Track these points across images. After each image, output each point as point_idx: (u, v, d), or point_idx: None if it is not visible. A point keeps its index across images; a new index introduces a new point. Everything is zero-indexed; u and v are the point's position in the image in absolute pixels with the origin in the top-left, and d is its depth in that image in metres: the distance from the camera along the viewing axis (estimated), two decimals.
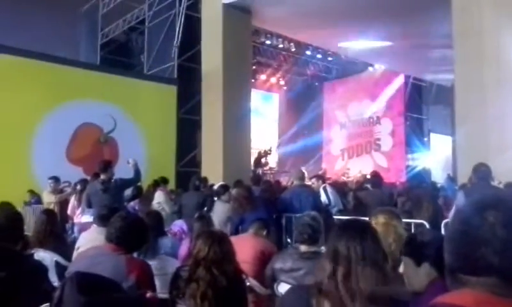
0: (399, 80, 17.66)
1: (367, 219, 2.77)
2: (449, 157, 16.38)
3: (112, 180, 5.67)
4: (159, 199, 7.01)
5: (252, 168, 13.35)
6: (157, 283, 3.32)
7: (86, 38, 16.10)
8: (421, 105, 18.56)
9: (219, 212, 5.54)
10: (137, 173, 5.91)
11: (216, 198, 5.90)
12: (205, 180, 7.93)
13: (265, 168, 14.78)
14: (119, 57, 15.54)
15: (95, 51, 15.55)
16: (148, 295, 2.18)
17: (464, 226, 0.85)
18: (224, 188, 5.99)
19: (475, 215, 0.84)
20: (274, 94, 19.54)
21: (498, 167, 5.75)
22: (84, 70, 11.28)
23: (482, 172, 5.16)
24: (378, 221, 2.63)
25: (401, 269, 2.03)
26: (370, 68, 18.36)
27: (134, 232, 2.69)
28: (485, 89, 7.33)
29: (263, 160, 15.01)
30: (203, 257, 2.29)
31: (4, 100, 9.31)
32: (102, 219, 3.71)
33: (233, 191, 5.64)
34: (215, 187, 6.52)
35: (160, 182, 7.75)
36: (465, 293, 0.84)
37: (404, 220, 5.14)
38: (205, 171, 10.72)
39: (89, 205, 5.71)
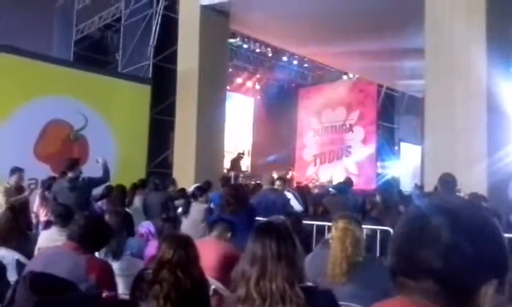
0: (372, 89, 17.96)
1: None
2: (418, 166, 16.71)
3: (80, 179, 5.57)
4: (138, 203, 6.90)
5: (226, 170, 13.33)
6: (121, 284, 3.28)
7: (60, 34, 15.80)
8: (393, 115, 18.92)
9: (195, 213, 5.52)
10: (106, 172, 5.84)
11: (192, 200, 5.88)
12: (173, 181, 7.88)
13: (239, 171, 14.76)
14: (93, 54, 15.29)
15: (69, 47, 15.28)
16: (104, 294, 2.15)
17: (409, 228, 0.84)
18: (202, 189, 5.97)
19: (421, 217, 0.83)
20: (249, 98, 19.58)
21: (465, 178, 5.92)
22: (57, 65, 11.04)
23: (447, 182, 5.30)
24: (337, 226, 2.72)
25: None
26: (345, 77, 18.62)
27: (97, 231, 2.66)
28: (454, 102, 7.51)
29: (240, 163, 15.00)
30: (168, 259, 2.28)
31: None
32: (60, 219, 3.64)
33: (221, 190, 5.67)
34: (190, 189, 6.49)
35: (140, 185, 7.66)
36: (396, 302, 0.84)
37: (370, 227, 5.26)
38: (176, 173, 10.64)
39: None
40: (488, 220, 0.84)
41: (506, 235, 4.16)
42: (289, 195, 6.56)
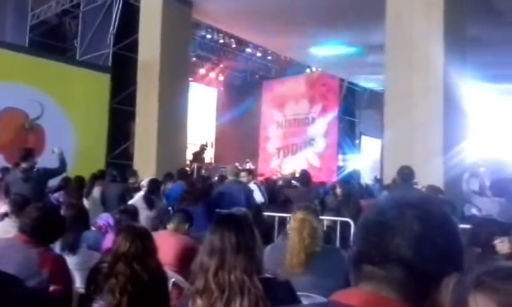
0: (334, 83, 18.19)
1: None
2: (378, 159, 17.08)
3: (35, 169, 5.37)
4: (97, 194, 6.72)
5: (188, 162, 13.20)
6: (79, 277, 3.18)
7: (14, 18, 15.10)
8: (354, 109, 19.25)
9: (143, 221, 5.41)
10: (63, 162, 5.65)
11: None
12: (134, 172, 7.73)
13: (202, 163, 14.65)
14: (50, 41, 14.73)
15: (24, 32, 14.63)
16: (52, 288, 2.07)
17: (381, 217, 0.86)
18: (152, 194, 5.84)
19: (393, 208, 0.86)
20: (212, 89, 19.44)
21: (422, 171, 6.08)
22: (11, 51, 10.59)
23: (405, 174, 5.44)
24: (296, 217, 2.75)
25: None
26: (308, 70, 18.77)
27: (49, 224, 2.55)
28: (413, 96, 7.67)
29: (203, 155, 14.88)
30: (124, 252, 2.23)
31: None
32: (16, 208, 3.50)
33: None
34: (143, 183, 6.36)
35: (99, 176, 7.45)
36: (355, 292, 0.84)
37: (331, 218, 5.33)
38: (137, 164, 10.45)
39: (8, 195, 5.37)
40: (450, 216, 0.89)
41: (461, 226, 4.31)
42: (253, 187, 6.56)
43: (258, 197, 6.30)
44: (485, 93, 13.76)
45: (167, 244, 3.25)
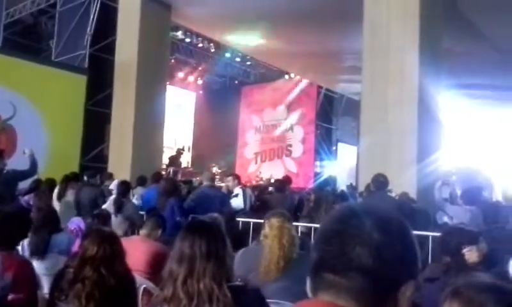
0: (312, 90, 18.32)
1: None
2: (354, 166, 17.25)
3: (4, 171, 5.23)
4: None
5: (165, 166, 13.06)
6: (46, 283, 3.09)
7: None
8: (331, 116, 19.41)
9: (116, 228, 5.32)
10: (34, 164, 5.52)
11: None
12: (110, 176, 7.61)
13: (178, 168, 14.52)
14: (25, 40, 14.45)
15: None
16: (10, 297, 2.00)
17: (341, 226, 0.86)
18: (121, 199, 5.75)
19: (352, 217, 0.87)
20: (190, 93, 19.35)
21: (396, 179, 6.16)
22: None
23: (379, 182, 5.49)
24: (272, 224, 2.73)
25: None
26: (286, 76, 18.86)
27: (10, 227, 2.47)
28: (388, 106, 7.77)
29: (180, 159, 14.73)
30: (91, 256, 2.17)
31: None
32: None
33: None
34: (111, 186, 6.24)
35: (72, 178, 7.29)
36: (314, 303, 0.85)
37: (305, 224, 5.34)
38: (112, 167, 10.30)
39: None
40: (406, 224, 0.90)
41: (433, 234, 4.36)
42: (238, 191, 6.51)
43: (238, 203, 6.26)
44: (459, 103, 14.05)
45: (138, 250, 3.19)
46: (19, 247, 3.14)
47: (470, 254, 2.42)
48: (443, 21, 8.35)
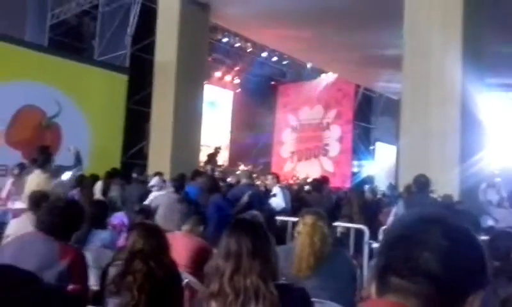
0: (350, 89, 18.10)
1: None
2: (392, 166, 16.96)
3: (52, 167, 5.43)
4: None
5: (202, 164, 13.22)
6: (92, 275, 3.19)
7: (34, 18, 15.34)
8: (369, 115, 19.13)
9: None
10: (78, 160, 5.71)
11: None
12: (142, 170, 7.73)
13: (215, 166, 14.67)
14: (69, 41, 14.91)
15: (43, 32, 14.86)
16: (70, 287, 2.08)
17: (408, 232, 0.87)
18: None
19: (420, 223, 0.87)
20: (228, 92, 19.48)
21: (438, 180, 6.01)
22: (31, 50, 10.74)
23: (421, 183, 5.37)
24: (306, 221, 2.73)
25: None
26: (323, 75, 18.71)
27: (69, 219, 2.57)
28: (429, 106, 7.64)
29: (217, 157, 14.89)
30: (140, 249, 2.23)
31: None
32: (35, 204, 3.53)
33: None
34: (152, 182, 6.37)
35: (115, 174, 7.51)
36: (382, 303, 0.85)
37: (344, 224, 5.30)
38: (151, 164, 10.52)
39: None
40: (475, 235, 0.90)
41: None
42: (277, 190, 6.54)
43: (278, 202, 6.27)
44: (502, 103, 13.57)
45: (181, 245, 3.23)
46: None
47: None
48: (486, 20, 8.11)
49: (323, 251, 2.68)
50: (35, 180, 5.20)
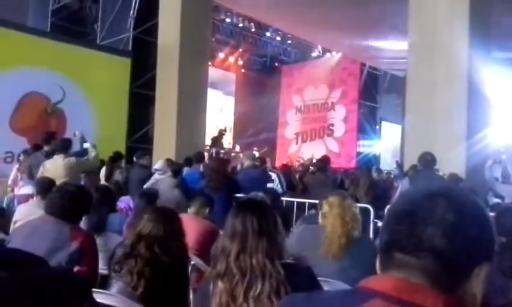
0: (355, 68, 17.95)
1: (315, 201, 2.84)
2: (398, 145, 16.91)
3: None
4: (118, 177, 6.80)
5: (208, 147, 13.22)
6: (101, 259, 3.23)
7: (36, 3, 15.25)
8: (375, 94, 18.98)
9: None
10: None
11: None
12: (144, 153, 7.74)
13: (221, 148, 14.66)
14: (71, 25, 14.81)
15: (45, 17, 14.77)
16: (76, 269, 2.11)
17: (412, 206, 0.85)
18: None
19: (424, 198, 0.85)
20: (231, 74, 19.39)
21: (444, 157, 5.99)
22: (33, 36, 10.72)
23: (427, 161, 5.36)
24: (332, 202, 2.71)
25: None
26: (328, 54, 18.56)
27: (75, 204, 2.62)
28: (435, 82, 7.54)
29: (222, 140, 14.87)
30: (146, 234, 2.24)
31: None
32: (44, 190, 3.56)
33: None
34: (156, 166, 6.39)
35: (117, 158, 7.54)
36: (387, 278, 0.84)
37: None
38: (157, 148, 10.52)
39: (31, 177, 5.49)
40: (482, 206, 0.88)
41: None
42: (273, 175, 6.55)
43: (276, 186, 6.28)
44: (509, 78, 13.40)
45: (187, 227, 3.23)
46: None
47: None
48: None
49: (354, 230, 2.67)
50: (61, 165, 5.19)
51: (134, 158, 6.87)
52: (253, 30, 17.20)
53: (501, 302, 1.71)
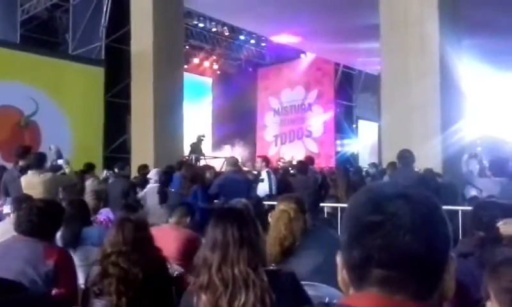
0: (329, 68, 18.08)
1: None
2: (376, 142, 17.09)
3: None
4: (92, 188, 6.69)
5: (187, 154, 13.11)
6: (80, 274, 3.16)
7: (4, 14, 14.89)
8: (350, 93, 19.16)
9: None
10: (61, 159, 5.61)
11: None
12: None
13: (200, 154, 14.55)
14: (41, 36, 14.55)
15: (14, 28, 14.44)
16: (54, 292, 2.05)
17: (378, 216, 0.77)
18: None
19: (385, 203, 0.78)
20: (207, 79, 19.31)
21: (420, 153, 6.06)
22: (2, 48, 10.48)
23: (406, 157, 5.43)
24: (277, 206, 2.67)
25: None
26: (303, 55, 18.66)
27: (47, 218, 2.53)
28: (409, 79, 7.64)
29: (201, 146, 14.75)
30: (110, 251, 2.18)
31: None
32: (19, 207, 3.46)
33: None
34: (150, 175, 6.35)
35: (88, 169, 7.39)
36: (368, 296, 0.79)
37: (331, 204, 5.33)
38: (135, 157, 10.39)
39: (7, 194, 5.34)
40: (434, 198, 0.83)
41: (463, 208, 4.29)
42: (264, 175, 6.53)
43: (264, 187, 6.27)
44: (481, 70, 13.68)
45: (169, 238, 3.22)
46: None
47: (506, 227, 2.35)
48: None
49: (290, 239, 2.55)
50: (37, 182, 5.06)
51: (116, 170, 6.76)
52: (226, 34, 17.17)
53: (481, 295, 1.72)
